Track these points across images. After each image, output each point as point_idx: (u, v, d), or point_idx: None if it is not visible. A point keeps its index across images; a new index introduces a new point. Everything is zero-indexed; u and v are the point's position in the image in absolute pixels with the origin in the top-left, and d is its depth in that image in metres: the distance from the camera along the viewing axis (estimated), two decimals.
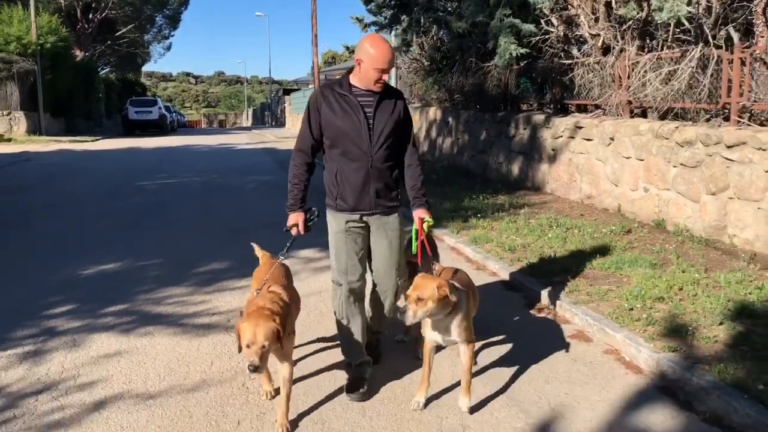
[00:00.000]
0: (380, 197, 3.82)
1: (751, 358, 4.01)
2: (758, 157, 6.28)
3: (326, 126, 3.76)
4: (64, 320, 5.10)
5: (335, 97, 3.75)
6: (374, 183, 3.78)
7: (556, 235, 7.27)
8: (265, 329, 3.07)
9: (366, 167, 3.74)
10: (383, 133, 3.74)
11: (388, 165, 3.82)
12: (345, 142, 3.74)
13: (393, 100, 3.82)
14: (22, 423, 3.50)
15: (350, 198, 3.79)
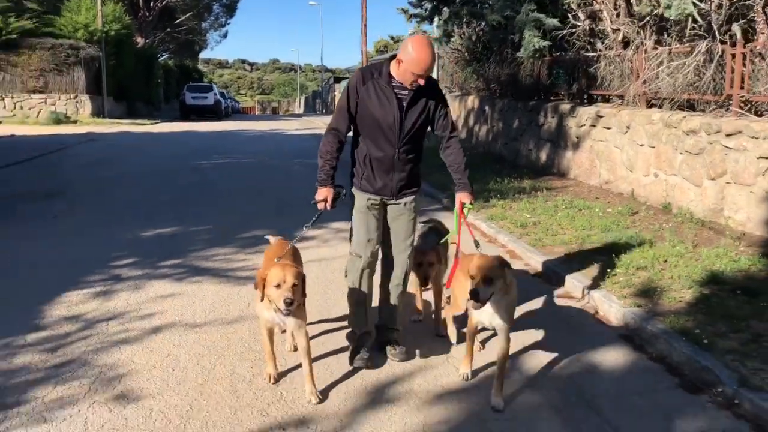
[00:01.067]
0: (402, 184, 4.04)
1: (704, 313, 4.67)
2: (752, 145, 6.81)
3: (361, 111, 3.94)
4: (128, 270, 6.07)
5: (374, 85, 3.90)
6: (398, 172, 4.00)
7: (566, 215, 7.92)
8: (292, 271, 3.48)
9: (392, 157, 3.96)
10: (413, 127, 3.93)
11: (412, 156, 4.04)
12: (376, 131, 3.94)
13: (427, 94, 3.95)
14: (97, 340, 4.43)
15: (374, 181, 4.03)
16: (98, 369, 3.98)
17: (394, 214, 4.12)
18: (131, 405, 3.55)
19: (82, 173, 12.40)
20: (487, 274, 3.43)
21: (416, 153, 4.07)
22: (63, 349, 4.26)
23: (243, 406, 3.56)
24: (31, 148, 15.94)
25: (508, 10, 10.61)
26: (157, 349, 4.29)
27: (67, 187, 10.67)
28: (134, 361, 4.11)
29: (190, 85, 38.59)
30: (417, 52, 3.71)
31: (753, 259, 5.83)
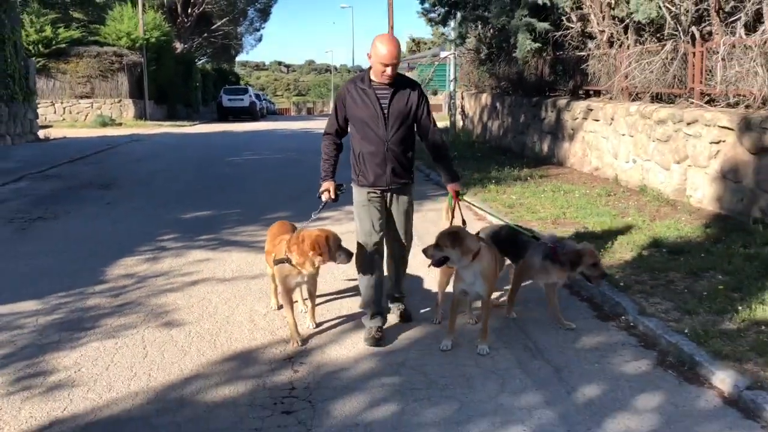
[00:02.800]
0: (396, 175, 4.47)
1: (634, 267, 5.74)
2: (705, 131, 7.79)
3: (349, 115, 4.46)
4: (171, 242, 7.35)
5: (357, 90, 4.42)
6: (390, 163, 4.42)
7: (549, 197, 8.99)
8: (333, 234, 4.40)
9: (383, 150, 4.39)
10: (397, 121, 4.38)
11: (402, 148, 4.46)
12: (365, 129, 4.42)
13: (407, 91, 4.43)
14: (148, 290, 5.70)
15: (370, 175, 4.47)
16: (150, 307, 5.24)
17: (392, 203, 4.58)
18: (175, 328, 4.79)
19: (130, 168, 13.87)
20: (438, 241, 4.17)
21: (406, 146, 4.48)
22: (123, 296, 5.54)
23: (257, 329, 4.77)
24: (84, 148, 17.52)
25: (504, 15, 11.67)
26: (195, 295, 5.54)
27: (117, 180, 12.11)
28: (177, 302, 5.36)
29: (227, 88, 40.28)
30: (379, 45, 4.23)
31: (694, 229, 6.85)
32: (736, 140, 7.24)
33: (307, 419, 3.49)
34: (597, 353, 4.29)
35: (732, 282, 5.16)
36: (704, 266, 5.60)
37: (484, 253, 4.23)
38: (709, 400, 3.64)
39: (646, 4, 8.30)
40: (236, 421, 3.48)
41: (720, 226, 6.89)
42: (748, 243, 6.12)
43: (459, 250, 4.13)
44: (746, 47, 7.35)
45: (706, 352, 4.00)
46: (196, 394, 3.80)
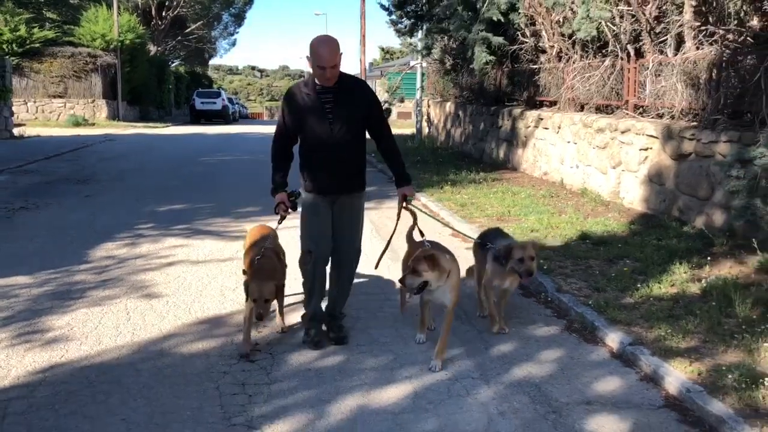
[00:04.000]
0: (344, 180, 4.35)
1: (561, 255, 6.54)
2: (636, 140, 8.67)
3: (294, 121, 4.29)
4: (148, 230, 7.99)
5: (300, 95, 4.26)
6: (339, 172, 4.30)
7: (498, 197, 9.80)
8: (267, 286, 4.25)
9: (329, 155, 4.24)
10: (343, 125, 4.21)
11: (350, 153, 4.31)
12: (310, 134, 4.25)
13: (354, 93, 4.26)
14: (129, 269, 6.34)
15: (318, 181, 4.36)
16: (131, 282, 5.90)
17: (339, 211, 4.43)
18: (154, 299, 5.46)
19: (106, 165, 14.40)
20: (414, 266, 4.08)
21: (354, 151, 4.35)
22: (106, 273, 6.18)
23: (227, 300, 5.45)
24: (59, 146, 17.96)
25: (463, 29, 12.52)
26: (171, 274, 6.20)
27: (94, 175, 12.66)
28: (155, 279, 6.02)
29: (200, 91, 40.67)
30: (316, 47, 4.06)
31: (620, 225, 7.71)
32: (660, 147, 8.13)
33: (267, 366, 4.21)
34: (516, 321, 5.07)
35: (639, 267, 5.99)
36: (620, 254, 6.44)
37: (454, 267, 4.23)
38: (599, 355, 4.44)
39: (587, 23, 9.19)
40: (208, 366, 4.17)
41: (642, 223, 7.76)
42: (661, 236, 6.98)
43: (437, 272, 4.09)
44: (670, 65, 8.25)
45: (605, 319, 4.81)
46: (173, 347, 4.49)
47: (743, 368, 3.82)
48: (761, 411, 3.45)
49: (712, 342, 4.33)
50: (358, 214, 4.55)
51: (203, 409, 3.59)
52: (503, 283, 4.76)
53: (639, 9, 8.84)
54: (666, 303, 5.08)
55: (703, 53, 7.64)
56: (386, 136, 4.46)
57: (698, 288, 5.35)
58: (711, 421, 3.46)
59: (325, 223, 4.43)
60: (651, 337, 4.46)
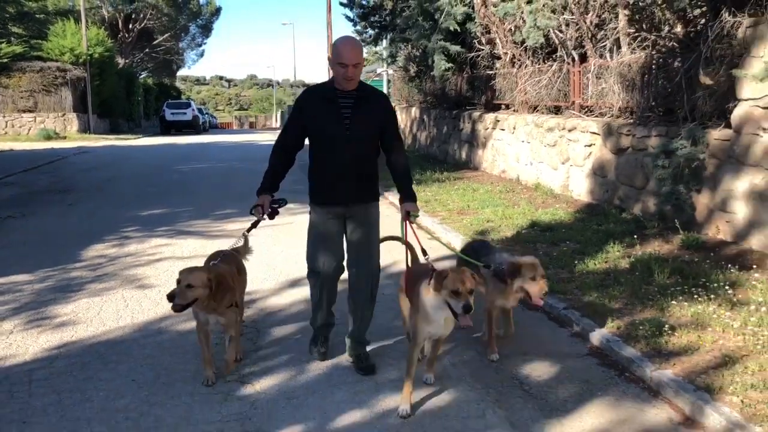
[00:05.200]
0: (358, 191, 4.07)
1: (512, 240, 7.30)
2: (581, 137, 9.50)
3: (308, 125, 4.05)
4: (134, 233, 8.58)
5: (318, 98, 4.06)
6: (352, 179, 4.02)
7: (459, 194, 10.57)
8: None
9: (344, 164, 4.00)
10: (361, 132, 4.00)
11: (365, 162, 4.06)
12: (325, 140, 4.02)
13: (372, 100, 4.08)
14: (120, 265, 6.94)
15: (330, 192, 4.08)
16: (124, 277, 6.51)
17: (353, 225, 4.15)
18: (147, 289, 6.08)
19: (83, 176, 14.88)
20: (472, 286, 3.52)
21: (369, 162, 4.10)
22: (99, 269, 6.78)
23: None
24: (33, 159, 18.31)
25: (423, 39, 13.31)
26: (160, 268, 6.82)
27: (74, 186, 13.16)
28: (146, 273, 6.64)
29: (170, 102, 40.99)
30: (338, 45, 3.93)
31: (566, 214, 8.51)
32: (602, 143, 8.96)
33: (253, 337, 4.87)
34: None
35: (579, 248, 6.78)
36: (563, 238, 7.22)
37: None
38: (538, 318, 5.19)
39: (534, 32, 10.02)
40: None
41: (586, 212, 8.58)
42: (601, 222, 7.78)
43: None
44: (609, 68, 9.10)
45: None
46: (170, 326, 5.13)
47: (653, 322, 4.59)
48: (663, 352, 4.21)
49: (633, 304, 5.10)
50: (373, 227, 4.24)
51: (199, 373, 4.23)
52: (507, 302, 4.44)
53: (581, 18, 9.70)
54: (598, 276, 5.86)
55: (635, 57, 8.50)
56: (398, 149, 4.19)
57: (627, 263, 6.14)
58: (623, 363, 4.22)
59: (335, 242, 4.19)
60: (583, 303, 5.22)
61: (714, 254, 6.20)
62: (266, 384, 4.10)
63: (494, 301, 4.45)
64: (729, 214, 6.64)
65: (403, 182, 4.18)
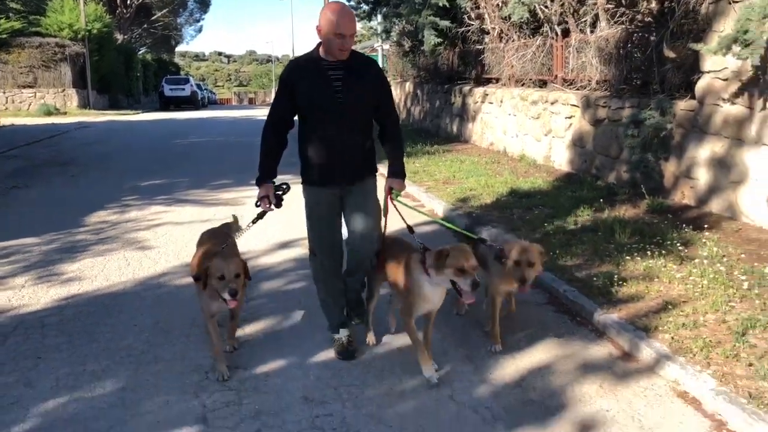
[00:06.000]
0: (354, 167, 3.82)
1: (491, 207, 7.75)
2: (563, 109, 9.90)
3: (298, 99, 3.74)
4: (134, 201, 9.02)
5: (305, 71, 3.74)
6: (347, 153, 3.76)
7: (447, 165, 10.98)
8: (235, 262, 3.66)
9: (337, 135, 3.72)
10: (354, 104, 3.72)
11: (360, 135, 3.80)
12: (317, 115, 3.73)
13: (364, 69, 3.76)
14: (122, 230, 7.39)
15: (324, 170, 3.80)
16: (125, 240, 6.96)
17: (350, 200, 3.91)
18: (147, 250, 6.54)
19: (85, 150, 15.31)
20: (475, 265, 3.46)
21: (365, 135, 3.85)
22: (102, 233, 7.23)
23: None
24: (36, 134, 18.71)
25: (414, 14, 13.63)
26: (160, 232, 7.27)
27: (75, 158, 13.59)
28: (146, 237, 7.09)
29: (168, 78, 41.23)
30: (333, 12, 3.60)
31: (545, 182, 8.94)
32: (581, 115, 9.36)
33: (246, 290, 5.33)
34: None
35: (551, 212, 7.22)
36: (538, 204, 7.66)
37: None
38: None
39: (519, 7, 10.37)
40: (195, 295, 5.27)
41: (564, 180, 9.01)
42: (575, 189, 8.22)
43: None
44: (588, 43, 9.47)
45: None
46: (168, 281, 5.60)
47: (607, 275, 5.05)
48: (612, 300, 4.67)
49: (592, 260, 5.55)
50: (373, 200, 3.97)
51: (197, 319, 4.68)
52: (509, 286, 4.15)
53: None
54: (565, 236, 6.30)
55: (612, 32, 8.86)
56: (393, 122, 3.99)
57: (593, 225, 6.59)
58: (576, 309, 4.69)
59: (332, 221, 3.95)
60: (547, 259, 5.66)
61: (675, 217, 6.65)
62: (254, 329, 4.56)
63: (498, 286, 4.16)
64: (693, 180, 7.07)
65: (394, 156, 3.99)
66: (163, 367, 3.95)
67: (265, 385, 3.70)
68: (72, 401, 3.55)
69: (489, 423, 3.31)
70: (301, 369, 3.92)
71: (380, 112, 3.92)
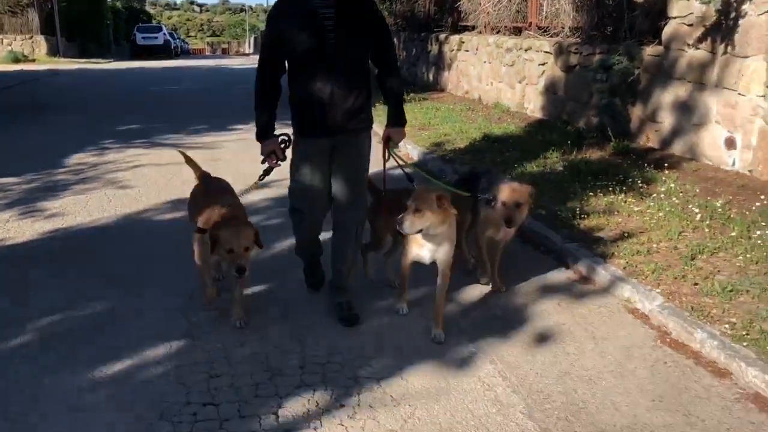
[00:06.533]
0: (348, 119, 3.52)
1: (463, 151, 7.97)
2: (536, 56, 10.07)
3: (286, 42, 3.46)
4: (112, 144, 9.09)
5: (293, 10, 3.46)
6: (340, 101, 3.46)
7: (423, 112, 11.14)
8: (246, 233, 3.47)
9: (329, 80, 3.43)
10: (347, 46, 3.44)
11: (353, 77, 3.50)
12: (306, 60, 3.44)
13: (357, 5, 3.49)
14: (101, 170, 7.50)
15: (314, 117, 3.51)
16: (105, 180, 7.08)
17: (342, 155, 3.62)
18: (128, 189, 6.68)
19: (59, 96, 15.18)
20: (419, 206, 3.32)
21: (359, 81, 3.54)
22: (82, 174, 7.34)
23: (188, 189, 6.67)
24: (6, 80, 18.40)
25: None
26: (139, 173, 7.40)
27: (50, 104, 13.50)
28: (126, 177, 7.22)
29: (141, 26, 40.38)
30: None
31: (518, 128, 9.17)
32: (554, 62, 9.54)
33: None
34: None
35: (522, 155, 7.47)
36: (509, 148, 7.91)
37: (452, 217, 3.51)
38: None
39: None
40: (178, 228, 5.46)
41: (536, 126, 9.25)
42: (546, 134, 8.46)
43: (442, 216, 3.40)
44: None
45: None
46: (150, 217, 5.78)
47: (571, 209, 5.34)
48: (574, 231, 4.96)
49: (559, 198, 5.83)
50: (364, 159, 3.72)
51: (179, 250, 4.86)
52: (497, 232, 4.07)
53: None
54: (534, 176, 6.56)
55: None
56: (391, 64, 3.70)
57: (560, 166, 6.86)
58: (539, 239, 4.98)
59: (322, 176, 3.64)
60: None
61: (638, 158, 6.93)
62: None
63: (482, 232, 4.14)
64: (657, 124, 7.35)
65: (393, 103, 3.76)
66: (151, 292, 4.17)
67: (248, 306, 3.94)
68: (66, 319, 3.77)
69: (455, 335, 3.60)
70: (282, 292, 4.17)
71: (377, 53, 3.63)
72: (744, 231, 4.65)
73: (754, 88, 5.97)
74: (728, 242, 4.48)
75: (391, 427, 2.82)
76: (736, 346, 3.25)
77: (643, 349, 3.44)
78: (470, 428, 2.81)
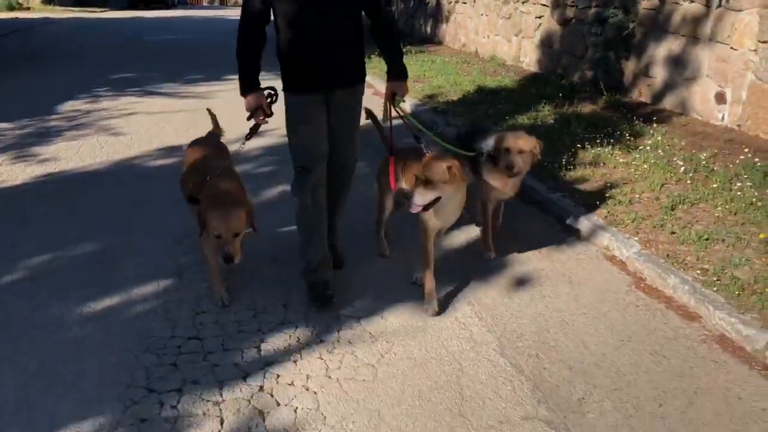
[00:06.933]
0: (340, 72, 3.33)
1: (456, 103, 7.98)
2: (533, 8, 9.97)
3: None
4: (105, 92, 9.08)
5: None
6: (334, 54, 3.26)
7: (419, 65, 11.08)
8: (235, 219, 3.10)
9: (320, 31, 3.21)
10: None
11: (346, 27, 3.28)
12: (294, 9, 3.20)
13: None
14: (94, 117, 7.52)
15: (307, 71, 3.28)
16: (98, 126, 7.11)
17: (336, 110, 3.41)
18: (120, 136, 6.71)
19: (54, 44, 15.05)
20: (430, 176, 3.06)
21: (353, 32, 3.33)
22: (75, 120, 7.36)
23: (180, 137, 6.71)
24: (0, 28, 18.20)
25: None
26: (132, 120, 7.42)
27: (46, 52, 13.42)
28: (119, 124, 7.24)
29: None
30: None
31: (512, 81, 9.15)
32: (550, 15, 9.46)
33: None
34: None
35: (515, 108, 7.48)
36: (502, 100, 7.91)
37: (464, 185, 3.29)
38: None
39: None
40: (169, 174, 5.51)
41: (530, 79, 9.22)
42: (540, 87, 8.45)
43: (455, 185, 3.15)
44: None
45: None
46: (142, 163, 5.83)
47: (558, 161, 5.39)
48: (560, 182, 5.03)
49: (547, 149, 5.84)
50: (356, 113, 3.55)
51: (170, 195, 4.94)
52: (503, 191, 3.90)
53: None
54: (523, 128, 6.57)
55: None
56: (386, 12, 3.46)
57: (552, 119, 6.89)
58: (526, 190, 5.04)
59: (321, 130, 3.40)
60: None
61: (629, 112, 6.95)
62: None
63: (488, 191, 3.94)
64: (650, 79, 7.34)
65: (392, 55, 3.52)
66: (141, 234, 4.26)
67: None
68: (55, 258, 3.87)
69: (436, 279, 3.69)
70: (269, 237, 4.25)
71: (372, 2, 3.35)
72: (726, 183, 4.72)
73: (747, 42, 5.96)
74: (709, 194, 4.55)
75: (368, 361, 2.94)
76: (707, 291, 3.36)
77: (617, 294, 3.55)
78: (444, 363, 2.93)
